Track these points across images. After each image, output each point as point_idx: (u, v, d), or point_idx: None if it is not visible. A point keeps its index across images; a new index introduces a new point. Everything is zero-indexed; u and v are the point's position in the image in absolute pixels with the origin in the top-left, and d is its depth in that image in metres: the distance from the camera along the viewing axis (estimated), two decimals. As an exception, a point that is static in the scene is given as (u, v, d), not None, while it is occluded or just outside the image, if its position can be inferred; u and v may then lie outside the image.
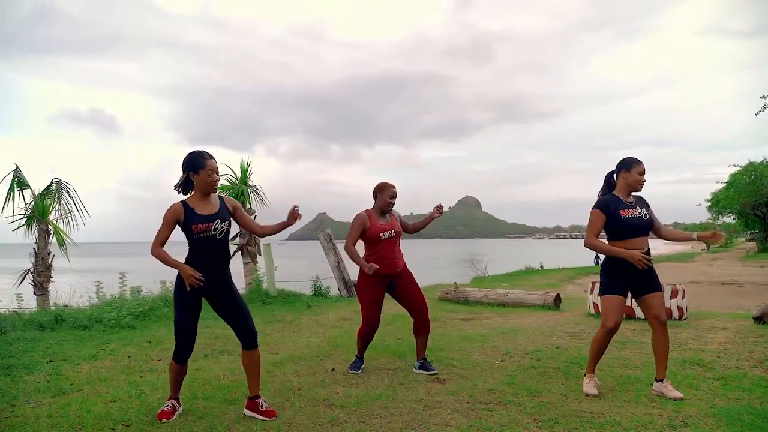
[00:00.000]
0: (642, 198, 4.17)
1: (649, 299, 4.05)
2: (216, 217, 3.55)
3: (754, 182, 31.70)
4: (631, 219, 3.98)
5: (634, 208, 4.03)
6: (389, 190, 4.77)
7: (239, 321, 3.65)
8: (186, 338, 3.59)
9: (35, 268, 9.65)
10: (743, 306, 9.56)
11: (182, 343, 3.59)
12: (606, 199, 4.10)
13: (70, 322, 6.90)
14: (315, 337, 6.49)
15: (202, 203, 3.58)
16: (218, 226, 3.53)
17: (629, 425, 3.37)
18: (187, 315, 3.56)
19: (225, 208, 3.65)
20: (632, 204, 4.06)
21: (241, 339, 3.69)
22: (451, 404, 3.84)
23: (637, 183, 4.07)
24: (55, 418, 3.57)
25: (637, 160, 4.09)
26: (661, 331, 4.04)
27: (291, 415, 3.62)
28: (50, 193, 9.96)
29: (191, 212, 3.52)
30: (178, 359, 3.63)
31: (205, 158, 3.56)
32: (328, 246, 11.59)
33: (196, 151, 3.59)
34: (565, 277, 18.66)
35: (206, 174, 3.54)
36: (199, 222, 3.50)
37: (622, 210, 4.01)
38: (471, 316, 8.27)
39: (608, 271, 4.10)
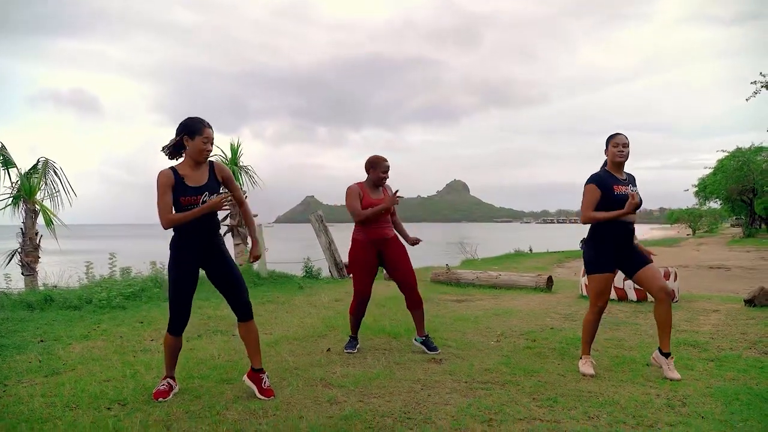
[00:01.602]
0: (632, 176, 4.17)
1: (647, 272, 4.00)
2: (204, 190, 3.47)
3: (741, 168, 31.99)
4: (623, 195, 3.96)
5: (627, 186, 4.03)
6: (382, 164, 4.73)
7: (233, 291, 3.60)
8: (180, 306, 3.53)
9: (23, 249, 9.51)
10: (732, 289, 9.67)
11: (176, 312, 3.53)
12: (600, 173, 4.10)
13: (60, 303, 6.82)
14: (309, 318, 6.46)
15: (192, 172, 3.48)
16: (206, 199, 3.45)
17: (627, 404, 3.38)
18: (180, 283, 3.50)
19: (214, 178, 3.56)
20: (625, 181, 4.06)
21: (235, 311, 3.64)
22: (449, 384, 3.83)
23: (614, 156, 4.05)
24: (49, 397, 3.52)
25: (616, 134, 4.09)
26: (666, 301, 3.97)
27: (289, 395, 3.59)
28: (37, 173, 9.79)
29: (181, 182, 3.44)
30: (172, 330, 3.57)
31: (204, 125, 3.47)
32: (319, 227, 11.53)
33: (196, 117, 3.51)
34: (555, 260, 18.77)
35: (202, 141, 3.44)
36: (188, 194, 3.42)
37: (615, 186, 4.00)
38: (464, 297, 8.28)
39: (595, 246, 4.07)
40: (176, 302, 3.53)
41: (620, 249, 4.03)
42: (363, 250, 4.71)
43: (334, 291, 9.00)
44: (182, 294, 3.52)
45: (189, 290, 3.54)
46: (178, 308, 3.54)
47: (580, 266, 9.61)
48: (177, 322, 3.56)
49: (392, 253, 4.74)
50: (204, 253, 3.54)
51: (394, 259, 4.75)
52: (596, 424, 3.07)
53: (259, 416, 3.21)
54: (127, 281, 8.13)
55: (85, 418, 3.15)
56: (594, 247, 4.08)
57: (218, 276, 3.60)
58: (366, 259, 4.72)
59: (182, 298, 3.53)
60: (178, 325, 3.57)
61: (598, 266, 4.04)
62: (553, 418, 3.15)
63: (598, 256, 4.04)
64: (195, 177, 3.48)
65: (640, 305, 7.18)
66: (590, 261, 4.10)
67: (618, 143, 4.05)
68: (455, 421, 3.11)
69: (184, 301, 3.53)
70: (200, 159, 3.48)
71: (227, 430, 3.01)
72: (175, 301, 3.53)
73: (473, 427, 3.02)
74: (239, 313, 3.64)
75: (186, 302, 3.55)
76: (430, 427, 3.04)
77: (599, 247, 4.06)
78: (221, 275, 3.60)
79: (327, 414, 3.23)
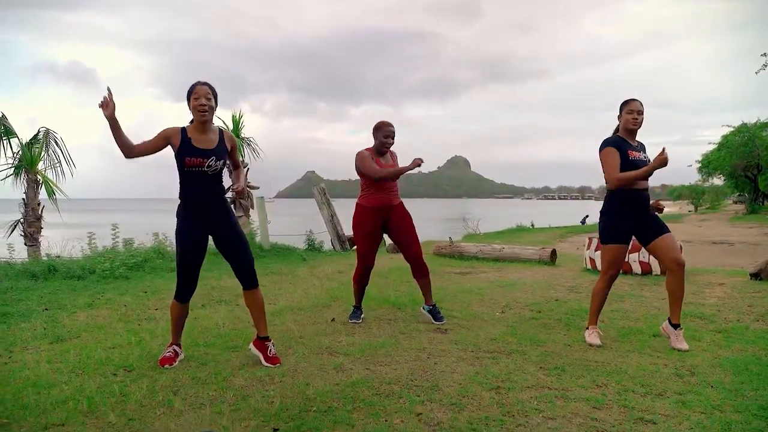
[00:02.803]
0: (644, 145, 4.09)
1: (662, 241, 3.93)
2: (211, 154, 3.42)
3: (746, 143, 31.71)
4: (636, 161, 3.91)
5: (639, 152, 3.96)
6: (384, 129, 4.63)
7: (239, 258, 3.56)
8: (186, 273, 3.50)
9: (25, 219, 9.48)
10: (736, 264, 9.63)
11: (183, 279, 3.51)
12: (614, 138, 4.03)
13: (64, 273, 6.81)
14: (312, 289, 6.44)
15: (199, 135, 3.43)
16: (212, 163, 3.40)
17: (636, 374, 3.36)
18: (187, 246, 3.47)
19: (223, 145, 3.51)
20: (637, 148, 3.99)
21: (240, 279, 3.61)
22: (455, 353, 3.81)
23: (627, 122, 3.97)
24: (55, 363, 3.51)
25: (631, 100, 4.01)
26: (680, 274, 3.90)
27: (295, 362, 3.58)
28: (38, 143, 9.70)
29: (188, 142, 3.39)
30: (178, 297, 3.56)
31: (196, 84, 3.43)
32: (321, 200, 11.49)
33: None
34: (557, 235, 18.73)
35: (194, 98, 3.38)
36: (194, 155, 3.37)
37: (630, 151, 3.94)
38: (467, 270, 8.26)
39: (611, 217, 4.00)
40: (183, 269, 3.50)
41: (636, 218, 3.96)
42: (367, 216, 4.66)
43: (337, 263, 8.99)
44: (188, 261, 3.49)
45: (195, 258, 3.51)
46: (185, 275, 3.51)
47: (582, 241, 9.57)
48: (183, 288, 3.53)
49: (398, 220, 4.69)
50: (210, 220, 3.50)
51: (400, 226, 4.70)
52: (605, 392, 3.06)
53: (266, 383, 3.20)
54: (130, 252, 8.11)
55: (91, 384, 3.14)
56: (610, 218, 4.02)
57: (224, 243, 3.56)
58: (370, 225, 4.67)
59: (189, 265, 3.50)
60: (184, 292, 3.54)
61: (613, 236, 3.99)
62: (561, 386, 3.13)
63: (614, 226, 3.99)
64: (202, 140, 3.42)
65: (644, 278, 7.16)
66: (605, 230, 4.04)
67: (633, 110, 3.96)
68: (462, 388, 3.09)
69: (190, 268, 3.51)
70: (198, 118, 3.41)
71: (234, 395, 3.00)
72: (182, 267, 3.50)
73: (481, 395, 3.00)
74: (244, 281, 3.60)
75: (192, 269, 3.52)
76: (437, 393, 3.02)
77: (615, 217, 3.99)
78: (227, 242, 3.56)
79: (334, 381, 3.22)
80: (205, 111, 3.39)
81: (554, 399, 2.95)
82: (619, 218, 3.97)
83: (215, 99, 3.47)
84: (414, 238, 4.74)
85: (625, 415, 2.74)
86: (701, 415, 2.73)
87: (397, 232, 4.72)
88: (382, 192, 4.63)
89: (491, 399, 2.94)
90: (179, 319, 3.63)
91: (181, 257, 3.49)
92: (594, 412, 2.78)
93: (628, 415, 2.74)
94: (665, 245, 3.93)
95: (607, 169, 3.95)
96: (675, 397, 2.97)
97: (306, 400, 2.93)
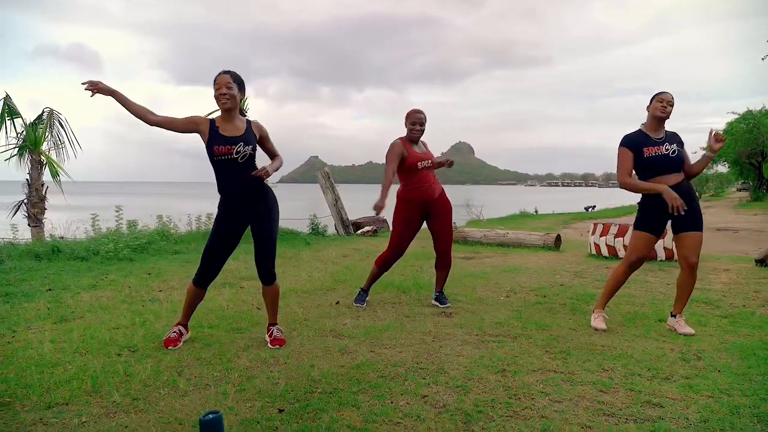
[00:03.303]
0: (674, 134, 3.98)
1: (684, 238, 3.91)
2: (239, 140, 3.38)
3: (751, 130, 31.49)
4: (653, 158, 3.85)
5: (662, 145, 3.87)
6: (412, 116, 4.54)
7: (260, 255, 3.54)
8: (209, 261, 3.52)
9: (29, 200, 9.45)
10: (741, 250, 9.60)
11: (204, 265, 3.53)
12: (632, 135, 3.97)
13: (67, 254, 6.81)
14: (317, 272, 6.43)
15: (225, 124, 3.42)
16: (241, 149, 3.36)
17: (642, 358, 3.34)
18: (217, 239, 3.49)
19: (251, 131, 3.48)
20: (661, 140, 3.90)
21: (260, 275, 3.61)
22: (460, 336, 3.80)
23: (655, 110, 3.91)
24: (58, 343, 3.50)
25: (663, 91, 3.95)
26: (688, 273, 3.94)
27: (299, 344, 3.57)
28: (42, 123, 9.65)
29: (215, 131, 3.39)
30: (197, 282, 3.56)
31: (218, 74, 3.41)
32: (326, 184, 11.45)
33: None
34: (561, 221, 18.68)
35: (216, 88, 3.38)
36: (221, 143, 3.35)
37: (645, 147, 3.88)
38: (472, 255, 8.24)
39: (644, 205, 3.99)
40: (206, 256, 3.52)
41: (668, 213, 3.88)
42: (409, 209, 4.59)
43: (341, 247, 8.97)
44: (213, 250, 3.50)
45: (220, 250, 3.52)
46: (208, 263, 3.53)
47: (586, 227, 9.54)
48: (203, 274, 3.55)
49: (437, 213, 4.64)
50: (246, 210, 3.48)
51: (438, 218, 4.65)
52: (611, 375, 3.04)
53: (270, 364, 3.19)
54: (134, 234, 8.10)
55: (95, 363, 3.13)
56: (643, 206, 4.00)
57: (256, 235, 3.54)
58: (410, 214, 4.61)
59: (214, 256, 3.52)
60: (203, 279, 3.56)
61: (641, 224, 3.99)
62: (567, 370, 3.12)
63: (644, 215, 3.97)
64: (229, 129, 3.42)
65: (650, 264, 7.11)
66: (638, 219, 4.02)
67: (663, 99, 3.91)
68: (468, 371, 3.08)
69: (215, 258, 3.52)
70: (220, 106, 3.40)
71: (239, 376, 2.99)
72: (206, 255, 3.52)
73: (487, 377, 2.99)
74: (262, 279, 3.61)
75: (217, 261, 3.54)
76: (443, 376, 3.01)
77: (647, 206, 3.97)
78: (258, 237, 3.52)
79: (339, 363, 3.21)
80: (226, 99, 3.37)
81: (560, 382, 2.93)
82: (649, 209, 3.95)
83: (239, 86, 3.43)
84: (448, 232, 4.69)
85: (632, 399, 2.72)
86: (709, 399, 2.71)
87: (434, 222, 4.67)
88: (421, 187, 4.55)
89: (497, 382, 2.93)
90: (192, 301, 3.62)
91: (209, 247, 3.50)
92: (601, 395, 2.76)
93: (635, 398, 2.72)
94: (685, 243, 3.91)
95: (617, 170, 3.96)
96: (682, 381, 2.95)
97: (311, 381, 2.91)
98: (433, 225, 4.67)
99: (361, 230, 11.49)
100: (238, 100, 3.44)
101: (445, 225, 4.66)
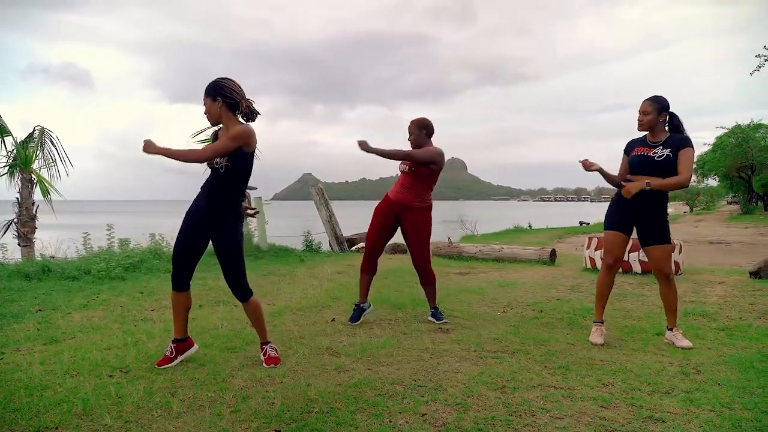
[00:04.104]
0: (680, 138, 3.89)
1: (652, 251, 3.99)
2: None
3: (740, 144, 31.82)
4: (632, 158, 3.97)
5: (654, 148, 3.90)
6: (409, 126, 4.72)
7: (224, 274, 3.47)
8: (176, 257, 3.43)
9: (19, 219, 9.35)
10: (734, 263, 9.62)
11: (173, 263, 3.46)
12: (634, 139, 4.11)
13: (58, 273, 6.72)
14: (312, 289, 6.37)
15: (221, 133, 3.42)
16: (219, 159, 3.32)
17: (641, 372, 3.31)
18: (181, 234, 3.43)
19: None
20: (656, 143, 3.92)
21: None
22: (457, 353, 3.75)
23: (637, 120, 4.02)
24: (48, 365, 3.43)
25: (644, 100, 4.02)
26: (664, 284, 4.01)
27: (295, 363, 3.51)
28: (33, 141, 9.58)
29: (213, 140, 3.45)
30: (173, 284, 3.48)
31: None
32: (320, 200, 11.41)
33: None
34: (555, 235, 18.73)
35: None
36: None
37: (637, 148, 3.99)
38: (467, 270, 8.20)
39: (612, 204, 4.14)
40: (174, 252, 3.47)
41: (633, 215, 3.97)
42: (381, 206, 4.70)
43: (336, 264, 8.92)
44: (179, 245, 3.43)
45: (186, 244, 3.41)
46: (175, 259, 3.46)
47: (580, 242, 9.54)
48: (174, 273, 3.47)
49: (407, 222, 4.62)
50: (207, 222, 3.40)
51: (408, 232, 4.64)
52: (611, 390, 3.00)
53: (266, 384, 3.13)
54: (125, 252, 8.02)
55: (86, 385, 3.06)
56: (610, 207, 4.15)
57: (217, 250, 3.45)
58: (382, 213, 4.67)
59: (178, 249, 3.44)
60: (175, 278, 3.46)
61: (607, 222, 4.12)
62: (567, 386, 3.08)
63: (610, 212, 4.11)
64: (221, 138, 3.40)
65: (644, 277, 7.12)
66: (606, 218, 4.15)
67: (640, 110, 3.97)
68: (467, 389, 3.03)
69: (179, 252, 3.43)
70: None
71: (233, 396, 2.93)
72: (174, 251, 3.47)
73: (486, 394, 2.94)
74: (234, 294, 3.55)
75: (181, 255, 3.42)
76: (441, 394, 2.96)
77: (613, 205, 4.12)
78: (218, 250, 3.44)
79: (335, 381, 3.15)
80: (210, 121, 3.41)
81: (561, 398, 2.89)
82: (616, 208, 4.07)
83: (213, 97, 3.32)
84: (420, 247, 4.64)
85: (633, 414, 2.68)
86: (710, 413, 2.68)
87: (406, 236, 4.68)
88: (394, 187, 4.67)
89: (497, 399, 2.88)
90: (176, 310, 3.53)
91: (176, 241, 3.45)
92: (602, 411, 2.72)
93: (637, 413, 2.69)
94: (653, 256, 4.00)
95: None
96: (683, 395, 2.92)
97: (308, 401, 2.86)
98: (406, 240, 4.69)
99: (355, 246, 11.44)
100: (217, 113, 3.34)
101: (413, 240, 4.62)
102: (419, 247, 4.64)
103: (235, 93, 3.33)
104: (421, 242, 4.65)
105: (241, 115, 3.39)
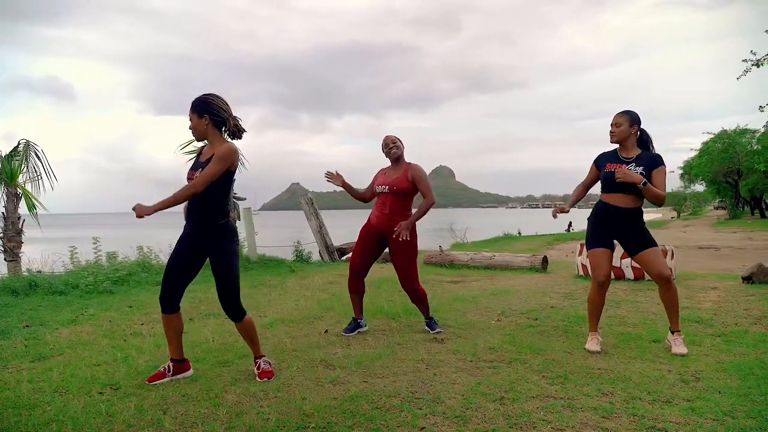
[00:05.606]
0: (652, 157, 3.90)
1: (645, 256, 3.96)
2: (201, 166, 3.28)
3: (727, 150, 32.14)
4: (605, 173, 3.97)
5: (626, 165, 3.89)
6: (382, 142, 4.69)
7: (218, 293, 3.39)
8: (165, 279, 3.37)
9: (5, 233, 9.20)
10: (725, 268, 9.65)
11: (162, 283, 3.39)
12: (605, 152, 4.10)
13: (45, 288, 6.60)
14: (303, 300, 6.30)
15: (206, 149, 3.40)
16: (197, 175, 3.25)
17: (640, 381, 3.27)
18: (172, 257, 3.39)
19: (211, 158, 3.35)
20: (629, 160, 3.92)
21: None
22: (454, 363, 3.70)
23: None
24: (36, 383, 3.34)
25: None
26: (665, 287, 3.96)
27: (290, 376, 3.44)
28: (18, 155, 9.45)
29: (197, 156, 3.42)
30: (161, 306, 3.40)
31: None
32: (309, 210, 11.35)
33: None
34: (544, 242, 18.74)
35: None
36: (194, 168, 3.31)
37: (609, 164, 3.98)
38: (459, 278, 8.17)
39: (590, 221, 4.11)
40: (164, 274, 3.41)
41: (612, 228, 3.98)
42: (366, 228, 4.67)
43: (327, 274, 8.85)
44: (168, 267, 3.39)
45: (176, 266, 3.36)
46: (163, 281, 3.40)
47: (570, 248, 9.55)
48: (162, 293, 3.39)
49: (393, 251, 4.57)
50: (197, 244, 3.34)
51: (394, 257, 4.58)
52: (611, 400, 2.96)
53: (260, 398, 3.06)
54: (113, 266, 7.90)
55: (75, 403, 2.98)
56: (589, 224, 4.12)
57: (212, 269, 3.39)
58: (366, 232, 4.64)
59: (167, 271, 3.39)
60: (163, 298, 3.39)
61: (588, 242, 4.10)
62: (566, 395, 3.03)
63: (589, 232, 4.10)
64: (206, 153, 3.36)
65: (638, 283, 7.12)
66: (587, 236, 4.15)
67: (612, 122, 3.99)
68: (466, 400, 2.98)
69: (168, 275, 3.37)
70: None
71: (227, 412, 2.85)
72: (164, 273, 3.41)
73: (485, 406, 2.89)
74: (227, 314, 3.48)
75: (170, 277, 3.37)
76: (440, 406, 2.90)
77: (591, 223, 4.10)
78: (213, 269, 3.37)
79: (331, 395, 3.09)
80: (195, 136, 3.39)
81: (561, 409, 2.84)
82: (595, 225, 4.06)
83: (199, 114, 3.26)
84: (403, 269, 4.54)
85: (635, 424, 2.64)
86: (714, 422, 2.65)
87: (392, 258, 4.61)
88: (374, 211, 4.63)
89: (496, 410, 2.83)
90: (166, 330, 3.46)
91: (167, 263, 3.41)
92: (603, 421, 2.68)
93: (639, 423, 2.65)
94: (647, 260, 3.96)
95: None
96: (684, 404, 2.88)
97: (303, 416, 2.79)
98: (393, 261, 4.61)
99: (345, 256, 11.37)
100: (203, 130, 3.29)
101: (399, 262, 4.53)
102: (403, 268, 4.55)
103: (223, 111, 3.29)
104: (406, 263, 4.54)
105: (227, 133, 3.34)
